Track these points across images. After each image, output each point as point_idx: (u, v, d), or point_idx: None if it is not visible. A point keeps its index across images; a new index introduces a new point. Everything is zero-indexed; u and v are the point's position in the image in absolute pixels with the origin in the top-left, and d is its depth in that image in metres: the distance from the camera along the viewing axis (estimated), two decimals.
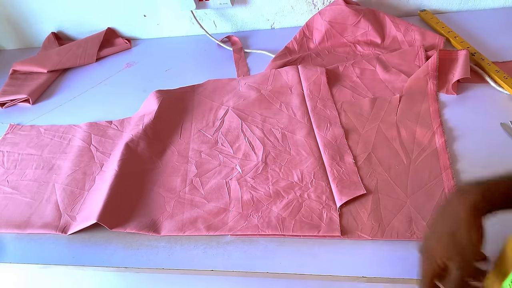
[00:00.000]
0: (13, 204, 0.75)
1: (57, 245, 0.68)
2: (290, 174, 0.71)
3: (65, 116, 0.95)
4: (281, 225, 0.64)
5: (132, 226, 0.67)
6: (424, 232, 0.52)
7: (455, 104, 0.78)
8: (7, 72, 1.10)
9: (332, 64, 0.91)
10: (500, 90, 0.79)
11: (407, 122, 0.76)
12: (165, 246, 0.65)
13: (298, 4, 1.05)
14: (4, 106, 1.01)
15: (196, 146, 0.80)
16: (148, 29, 1.16)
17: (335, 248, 0.60)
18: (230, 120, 0.83)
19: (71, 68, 1.11)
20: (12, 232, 0.71)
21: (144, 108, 0.89)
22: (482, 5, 1.00)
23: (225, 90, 0.91)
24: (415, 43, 0.92)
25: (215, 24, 1.12)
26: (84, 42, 1.14)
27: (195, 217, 0.67)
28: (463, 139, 0.71)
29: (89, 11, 1.14)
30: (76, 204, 0.73)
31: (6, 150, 0.87)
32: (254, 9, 1.08)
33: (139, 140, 0.79)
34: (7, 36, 1.23)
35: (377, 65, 0.87)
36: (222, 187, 0.72)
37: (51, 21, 1.18)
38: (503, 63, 0.84)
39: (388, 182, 0.67)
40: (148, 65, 1.07)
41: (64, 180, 0.78)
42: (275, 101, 0.85)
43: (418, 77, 0.82)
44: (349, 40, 0.97)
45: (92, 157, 0.81)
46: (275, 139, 0.78)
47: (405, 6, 1.03)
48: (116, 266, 0.64)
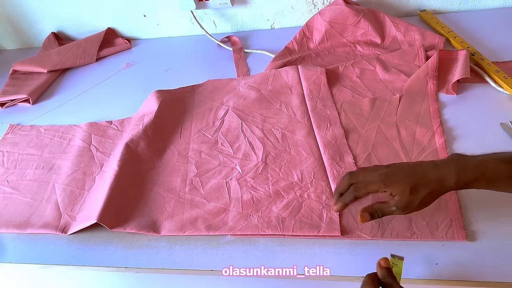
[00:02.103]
0: (13, 204, 0.75)
1: (57, 245, 0.68)
2: (290, 174, 0.71)
3: (65, 116, 0.95)
4: (281, 225, 0.64)
5: (132, 226, 0.67)
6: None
7: (455, 104, 0.78)
8: (7, 72, 1.10)
9: (332, 64, 0.91)
10: (500, 90, 0.79)
11: (407, 122, 0.76)
12: (165, 246, 0.65)
13: (298, 4, 1.05)
14: (4, 106, 1.01)
15: (196, 146, 0.80)
16: (148, 29, 1.16)
17: (335, 248, 0.60)
18: (230, 120, 0.83)
19: (71, 68, 1.11)
20: (12, 232, 0.71)
21: (144, 108, 0.89)
22: (482, 5, 1.00)
23: (225, 90, 0.91)
24: (415, 43, 0.92)
25: (215, 24, 1.12)
26: (84, 42, 1.14)
27: (195, 217, 0.67)
28: (463, 139, 0.71)
29: (89, 11, 1.14)
30: (76, 204, 0.73)
31: (6, 150, 0.87)
32: (254, 9, 1.08)
33: (139, 140, 0.79)
34: (7, 36, 1.23)
35: (377, 65, 0.87)
36: (222, 187, 0.72)
37: (51, 21, 1.18)
38: (503, 63, 0.84)
39: None
40: (148, 65, 1.07)
41: (64, 180, 0.77)
42: (275, 101, 0.85)
43: (418, 77, 0.82)
44: (349, 40, 0.97)
45: (92, 157, 0.81)
46: (275, 139, 0.78)
47: (405, 6, 1.03)
48: (116, 266, 0.64)
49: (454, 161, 0.53)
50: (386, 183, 0.53)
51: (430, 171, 0.53)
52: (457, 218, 0.60)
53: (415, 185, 0.52)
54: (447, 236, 0.58)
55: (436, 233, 0.59)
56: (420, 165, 0.54)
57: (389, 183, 0.53)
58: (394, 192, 0.53)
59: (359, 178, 0.56)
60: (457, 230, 0.59)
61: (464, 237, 0.58)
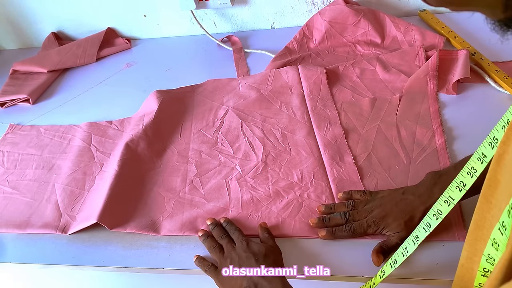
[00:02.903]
0: (13, 204, 0.75)
1: (57, 245, 0.68)
2: (290, 174, 0.71)
3: (65, 116, 0.95)
4: (281, 225, 0.64)
5: (132, 226, 0.67)
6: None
7: (455, 104, 0.78)
8: (7, 72, 1.10)
9: (332, 64, 0.91)
10: (500, 90, 0.79)
11: (407, 122, 0.76)
12: (165, 246, 0.65)
13: (298, 4, 1.05)
14: (4, 106, 1.01)
15: (196, 146, 0.80)
16: (148, 29, 1.16)
17: (335, 248, 0.60)
18: (230, 120, 0.83)
19: (71, 68, 1.11)
20: (12, 232, 0.71)
21: (144, 108, 0.89)
22: None
23: (225, 90, 0.91)
24: (415, 43, 0.92)
25: (215, 24, 1.12)
26: (84, 42, 1.14)
27: (195, 217, 0.67)
28: (463, 139, 0.71)
29: (89, 11, 1.14)
30: (76, 204, 0.73)
31: (6, 150, 0.87)
32: (254, 9, 1.08)
33: (139, 140, 0.79)
34: (7, 36, 1.23)
35: (377, 65, 0.87)
36: (222, 187, 0.72)
37: (51, 21, 1.18)
38: (503, 63, 0.84)
39: (388, 182, 0.67)
40: (148, 65, 1.07)
41: (64, 180, 0.77)
42: (275, 101, 0.85)
43: (418, 77, 0.82)
44: (349, 40, 0.97)
45: (92, 157, 0.81)
46: (275, 139, 0.78)
47: (405, 6, 1.03)
48: (116, 266, 0.64)
49: (436, 184, 0.58)
50: (380, 226, 0.59)
51: (418, 203, 0.58)
52: (457, 218, 0.60)
53: (408, 219, 0.57)
54: (447, 236, 0.58)
55: (436, 233, 0.59)
56: (405, 199, 0.59)
57: (383, 226, 0.58)
58: (391, 232, 0.58)
59: (355, 225, 0.60)
60: (457, 230, 0.59)
61: (464, 237, 0.57)
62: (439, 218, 0.50)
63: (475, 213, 0.38)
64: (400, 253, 0.53)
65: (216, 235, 0.63)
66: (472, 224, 0.39)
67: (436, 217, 0.50)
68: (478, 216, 0.38)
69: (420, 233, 0.52)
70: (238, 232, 0.62)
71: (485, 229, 0.37)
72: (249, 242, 0.59)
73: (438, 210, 0.50)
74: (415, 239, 0.52)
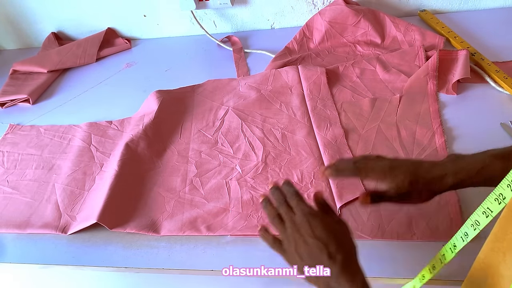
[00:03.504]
0: (13, 204, 0.75)
1: (57, 245, 0.68)
2: (290, 174, 0.71)
3: (65, 116, 0.95)
4: None
5: (132, 226, 0.67)
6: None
7: (455, 104, 0.78)
8: (7, 72, 1.10)
9: (332, 64, 0.91)
10: (500, 90, 0.79)
11: (407, 122, 0.76)
12: (165, 246, 0.65)
13: (298, 4, 1.05)
14: (4, 106, 1.01)
15: (196, 146, 0.80)
16: (148, 29, 1.16)
17: None
18: (230, 120, 0.83)
19: (71, 68, 1.11)
20: (12, 232, 0.71)
21: (144, 108, 0.89)
22: (482, 5, 1.00)
23: (225, 90, 0.91)
24: (415, 43, 0.92)
25: (215, 24, 1.12)
26: (84, 42, 1.14)
27: (194, 217, 0.67)
28: (463, 139, 0.71)
29: (89, 11, 1.14)
30: (76, 204, 0.73)
31: (6, 150, 0.87)
32: (254, 9, 1.08)
33: (139, 140, 0.79)
34: (7, 36, 1.23)
35: (377, 65, 0.87)
36: (222, 187, 0.72)
37: (51, 21, 1.18)
38: (503, 63, 0.84)
39: None
40: (148, 65, 1.07)
41: (64, 180, 0.77)
42: (275, 101, 0.85)
43: (418, 77, 0.82)
44: (349, 40, 0.97)
45: (92, 157, 0.81)
46: (275, 139, 0.78)
47: (405, 6, 1.03)
48: (116, 266, 0.64)
49: (452, 161, 0.54)
50: (386, 175, 0.54)
51: (430, 169, 0.53)
52: (457, 219, 0.60)
53: (415, 180, 0.53)
54: (447, 237, 0.58)
55: (436, 234, 0.59)
56: (420, 162, 0.55)
57: (390, 175, 0.54)
58: (393, 182, 0.53)
59: (361, 163, 0.55)
60: (457, 230, 0.59)
61: None
62: (477, 229, 0.47)
63: None
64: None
65: (275, 201, 0.54)
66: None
67: (473, 227, 0.48)
68: None
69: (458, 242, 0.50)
70: (297, 198, 0.52)
71: None
72: (309, 218, 0.49)
73: (476, 220, 0.47)
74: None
